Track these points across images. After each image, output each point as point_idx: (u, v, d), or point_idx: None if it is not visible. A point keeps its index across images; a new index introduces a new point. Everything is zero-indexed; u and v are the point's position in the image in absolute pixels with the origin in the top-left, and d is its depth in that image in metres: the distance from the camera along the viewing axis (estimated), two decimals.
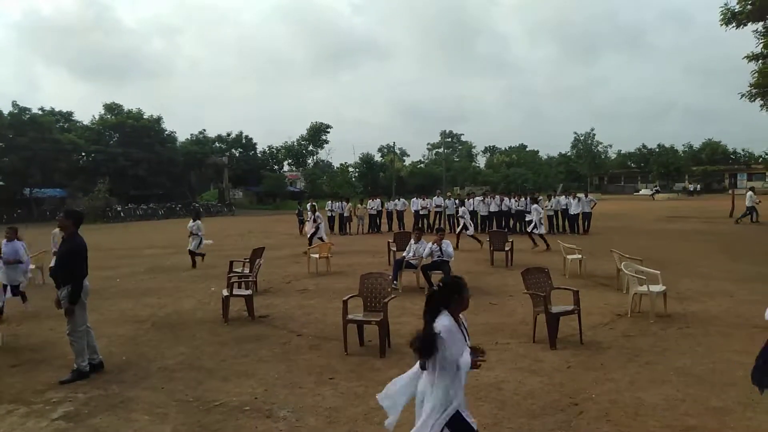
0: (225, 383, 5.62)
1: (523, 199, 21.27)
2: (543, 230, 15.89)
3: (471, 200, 22.78)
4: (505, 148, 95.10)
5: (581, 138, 75.17)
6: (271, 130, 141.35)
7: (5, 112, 40.81)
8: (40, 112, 44.11)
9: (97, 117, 50.09)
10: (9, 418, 4.83)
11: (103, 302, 9.62)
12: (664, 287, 7.89)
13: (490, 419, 4.56)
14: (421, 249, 10.38)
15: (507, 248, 13.00)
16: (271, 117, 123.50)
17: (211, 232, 27.72)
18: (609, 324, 7.51)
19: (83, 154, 46.47)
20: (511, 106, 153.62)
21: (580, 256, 11.40)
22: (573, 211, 20.59)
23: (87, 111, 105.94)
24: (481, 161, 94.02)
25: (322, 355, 6.46)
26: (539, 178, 72.26)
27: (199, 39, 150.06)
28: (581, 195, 21.21)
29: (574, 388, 5.19)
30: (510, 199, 21.72)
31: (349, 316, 6.58)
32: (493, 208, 21.42)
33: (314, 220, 16.32)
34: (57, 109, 48.70)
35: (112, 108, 50.38)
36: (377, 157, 78.55)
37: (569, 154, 79.23)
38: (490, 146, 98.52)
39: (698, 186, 64.63)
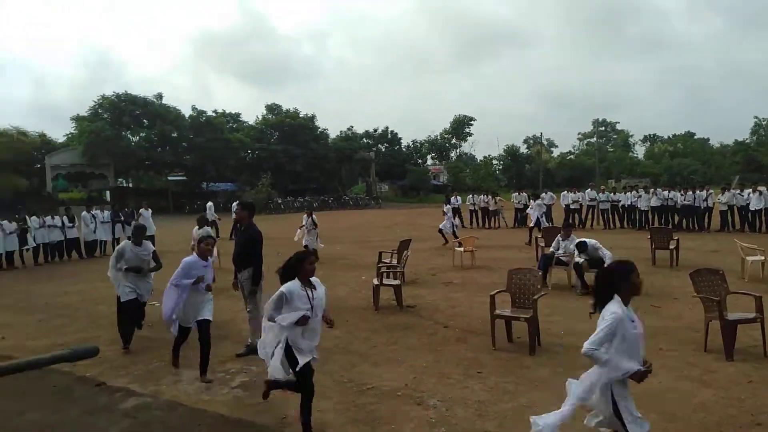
0: (376, 368, 5.90)
1: (691, 192, 19.21)
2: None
3: (627, 194, 21.14)
4: (669, 137, 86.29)
5: (763, 123, 65.49)
6: (415, 125, 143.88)
7: (186, 115, 46.71)
8: (213, 115, 49.66)
9: (260, 117, 55.04)
10: (197, 383, 5.58)
11: (265, 286, 10.59)
12: None
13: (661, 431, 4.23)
14: (571, 246, 9.90)
15: (672, 246, 11.85)
16: (414, 111, 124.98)
17: (360, 224, 29.11)
18: None
19: (249, 151, 51.29)
20: (673, 90, 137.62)
21: (762, 257, 10.01)
22: (753, 206, 18.06)
23: (252, 112, 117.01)
24: (640, 151, 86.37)
25: (469, 348, 6.48)
26: (710, 169, 64.47)
27: (345, 40, 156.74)
28: (762, 188, 18.52)
29: (756, 404, 4.61)
30: (677, 192, 19.77)
31: (497, 311, 6.51)
32: (655, 202, 19.68)
33: (313, 224, 14.68)
34: (227, 111, 54.38)
35: (272, 108, 54.93)
36: (523, 149, 76.05)
37: (748, 141, 69.51)
38: (650, 135, 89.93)
39: None
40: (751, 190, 18.59)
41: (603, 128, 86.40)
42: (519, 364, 5.87)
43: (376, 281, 8.90)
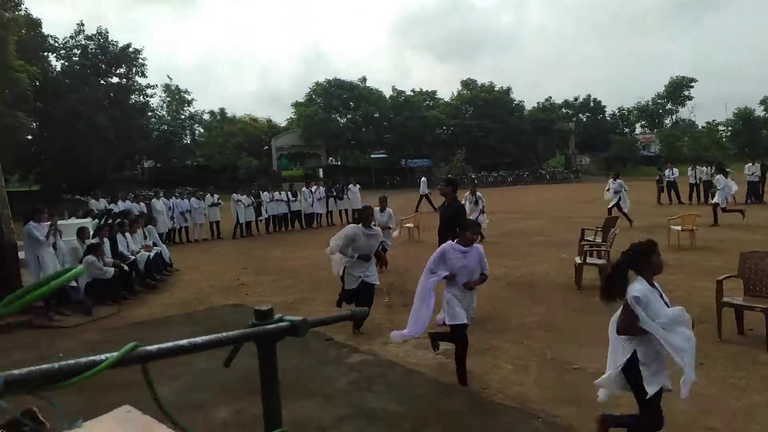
0: (580, 348, 5.75)
1: None
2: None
3: None
4: None
5: None
6: (621, 91, 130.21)
7: (387, 96, 49.36)
8: (411, 94, 51.59)
9: (455, 93, 55.56)
10: (404, 346, 6.07)
11: None
12: None
13: None
14: None
15: None
16: (621, 76, 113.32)
17: (558, 199, 27.87)
18: None
19: (444, 127, 52.27)
20: None
21: None
22: None
23: (447, 88, 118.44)
24: None
25: None
26: None
27: (544, 7, 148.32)
28: None
29: None
30: None
31: (725, 299, 5.82)
32: None
33: (476, 202, 13.81)
34: (424, 90, 55.98)
35: (467, 84, 54.95)
36: (759, 112, 64.31)
37: None
38: None
39: None
40: None
41: None
42: (752, 359, 5.20)
43: (578, 260, 8.56)
